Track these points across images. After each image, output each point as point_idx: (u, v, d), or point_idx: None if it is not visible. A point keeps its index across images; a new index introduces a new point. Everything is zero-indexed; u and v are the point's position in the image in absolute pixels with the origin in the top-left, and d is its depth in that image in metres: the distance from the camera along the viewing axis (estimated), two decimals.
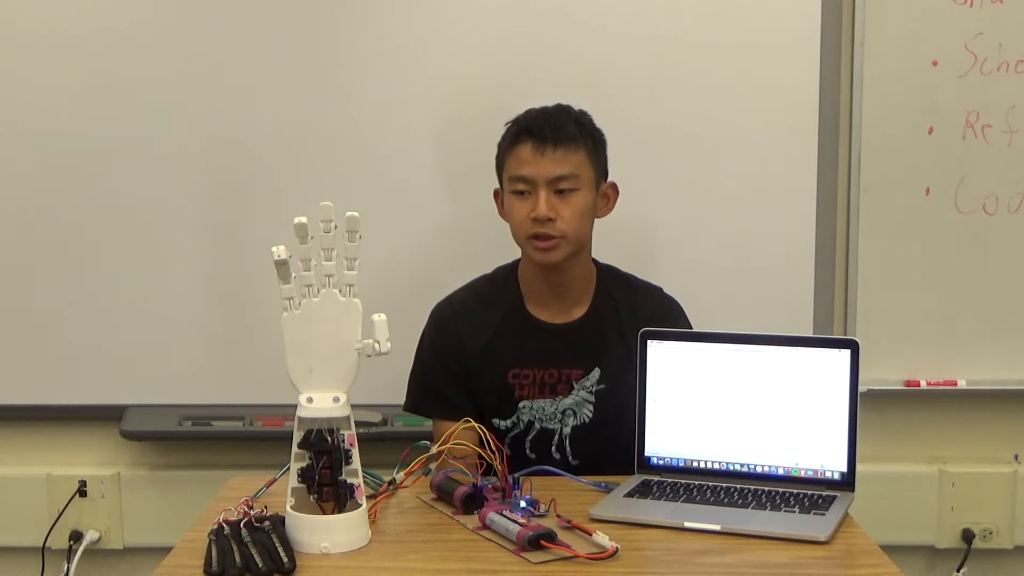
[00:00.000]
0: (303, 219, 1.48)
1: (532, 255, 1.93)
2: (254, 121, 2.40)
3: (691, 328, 2.02)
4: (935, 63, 2.40)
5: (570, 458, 1.97)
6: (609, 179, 2.00)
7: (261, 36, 2.39)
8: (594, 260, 2.04)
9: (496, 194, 2.01)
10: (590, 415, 1.97)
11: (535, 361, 1.97)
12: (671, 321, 1.99)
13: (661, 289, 2.06)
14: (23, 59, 2.39)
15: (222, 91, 2.40)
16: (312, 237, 1.50)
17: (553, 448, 1.98)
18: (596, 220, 1.99)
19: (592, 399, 1.97)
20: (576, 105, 1.98)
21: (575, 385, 1.97)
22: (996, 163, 2.42)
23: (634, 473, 1.79)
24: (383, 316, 1.51)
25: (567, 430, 1.97)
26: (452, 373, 1.99)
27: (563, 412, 1.98)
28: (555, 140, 1.89)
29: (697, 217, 2.42)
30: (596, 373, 1.97)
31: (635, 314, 1.98)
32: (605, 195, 1.99)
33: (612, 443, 1.92)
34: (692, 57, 2.38)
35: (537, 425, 1.98)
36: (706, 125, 2.40)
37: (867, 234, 2.45)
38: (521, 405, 1.98)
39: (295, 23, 2.38)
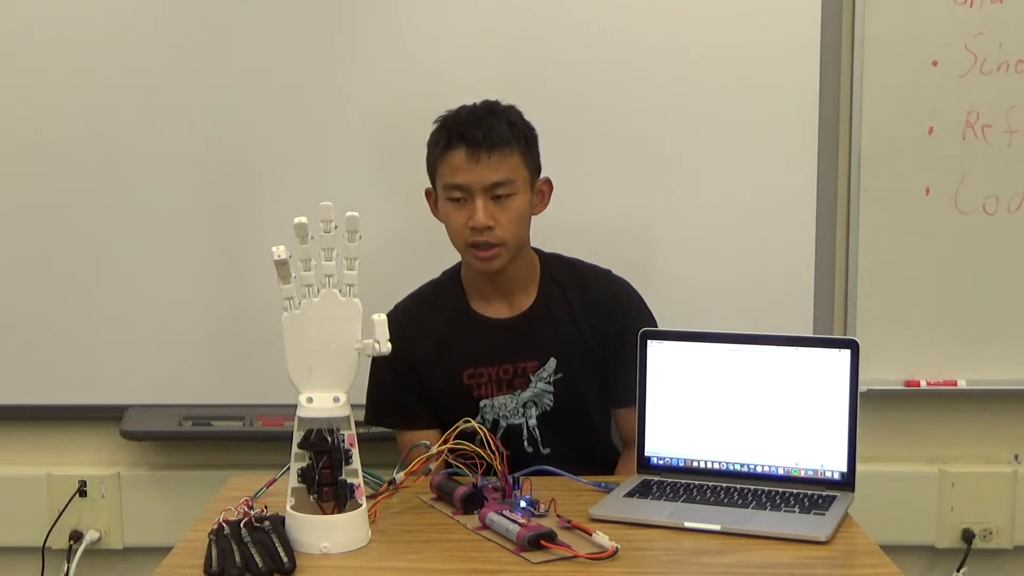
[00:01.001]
0: (303, 219, 1.48)
1: (473, 264, 1.92)
2: (254, 121, 2.40)
3: (647, 308, 2.01)
4: (935, 63, 2.40)
5: (541, 449, 1.97)
6: (543, 174, 1.98)
7: (261, 37, 2.39)
8: (536, 250, 2.02)
9: (428, 194, 1.98)
10: (551, 403, 1.97)
11: (488, 359, 1.97)
12: (625, 302, 1.99)
13: (610, 271, 2.04)
14: (23, 59, 2.39)
15: (222, 91, 2.40)
16: (312, 237, 1.50)
17: (524, 443, 1.97)
18: (542, 216, 1.98)
19: (551, 388, 1.97)
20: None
21: (532, 377, 1.97)
22: (996, 163, 2.42)
23: (611, 464, 1.79)
24: (383, 316, 1.51)
25: (532, 422, 1.97)
26: (405, 381, 1.99)
27: (524, 405, 1.97)
28: (489, 146, 1.85)
29: (697, 217, 2.42)
30: (552, 363, 1.97)
31: (585, 298, 1.98)
32: (540, 192, 1.97)
33: (579, 429, 1.94)
34: (691, 58, 2.38)
35: (503, 423, 1.97)
36: (706, 125, 2.40)
37: (867, 234, 2.44)
38: (482, 404, 1.98)
39: (294, 23, 2.38)
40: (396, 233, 2.40)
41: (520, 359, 1.97)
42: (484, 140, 1.85)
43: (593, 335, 1.96)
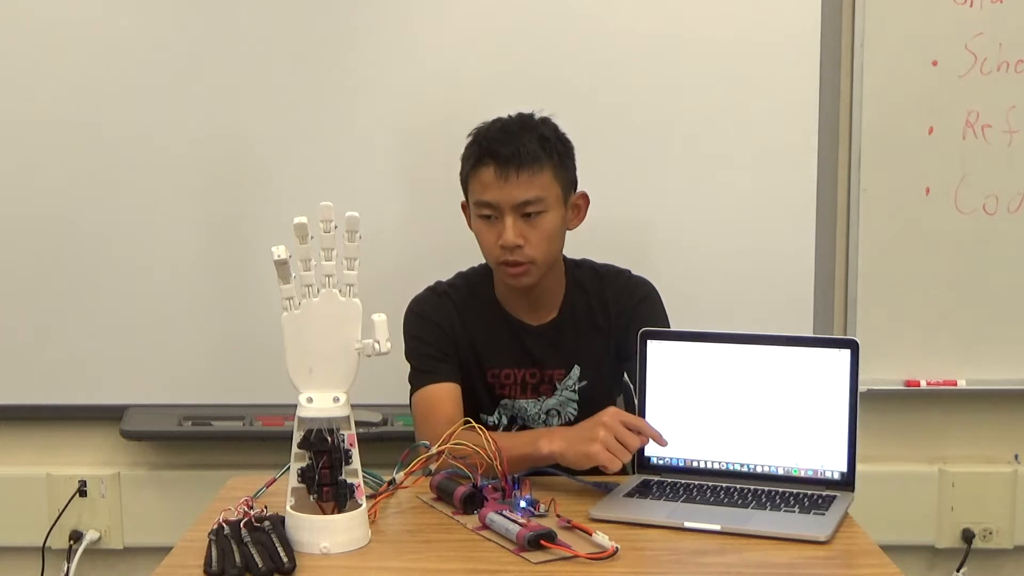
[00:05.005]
0: (303, 219, 1.48)
1: (504, 280, 1.91)
2: (254, 121, 2.41)
3: (662, 305, 2.00)
4: (935, 63, 2.40)
5: None
6: (580, 188, 1.95)
7: (261, 37, 2.39)
8: (564, 258, 2.00)
9: (464, 207, 1.95)
10: (575, 414, 1.96)
11: (515, 361, 1.97)
12: (638, 298, 1.97)
13: (628, 271, 2.02)
14: (24, 60, 2.39)
15: (222, 92, 2.40)
16: (312, 237, 1.50)
17: None
18: (574, 230, 1.95)
19: (576, 398, 1.97)
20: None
21: (558, 385, 1.97)
22: (996, 163, 2.42)
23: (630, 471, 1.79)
24: (383, 316, 1.51)
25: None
26: (444, 341, 1.94)
27: (547, 412, 1.97)
28: (519, 164, 1.81)
29: (697, 217, 2.42)
30: (576, 371, 1.96)
31: (604, 299, 1.97)
32: (575, 206, 1.93)
33: None
34: (691, 57, 2.39)
35: (519, 420, 1.98)
36: (706, 125, 2.40)
37: (867, 234, 2.45)
38: (503, 403, 1.98)
39: (294, 23, 2.39)
40: (397, 233, 2.40)
41: (547, 366, 1.96)
42: (514, 158, 1.81)
43: (612, 333, 1.96)
